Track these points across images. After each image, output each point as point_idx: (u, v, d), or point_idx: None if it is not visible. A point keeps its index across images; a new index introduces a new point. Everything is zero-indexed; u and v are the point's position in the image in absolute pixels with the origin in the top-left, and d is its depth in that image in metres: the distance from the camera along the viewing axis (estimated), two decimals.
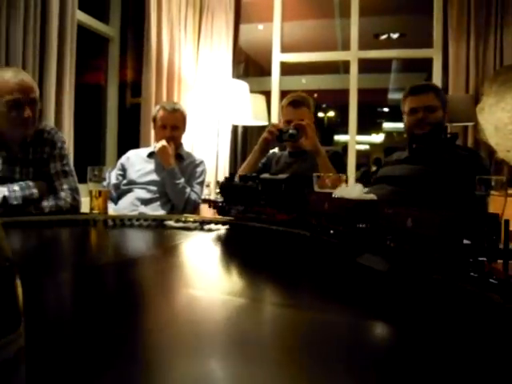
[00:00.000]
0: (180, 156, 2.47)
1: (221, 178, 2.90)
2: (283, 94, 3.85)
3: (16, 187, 1.60)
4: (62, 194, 1.71)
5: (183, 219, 1.49)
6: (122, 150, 2.94)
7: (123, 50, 3.54)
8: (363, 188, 0.97)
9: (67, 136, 2.62)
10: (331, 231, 0.99)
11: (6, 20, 2.20)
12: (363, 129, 7.55)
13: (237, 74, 3.96)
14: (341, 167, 2.29)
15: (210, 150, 3.73)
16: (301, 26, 4.28)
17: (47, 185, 1.71)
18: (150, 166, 2.43)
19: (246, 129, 4.58)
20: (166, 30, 3.41)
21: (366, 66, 3.89)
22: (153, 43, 3.30)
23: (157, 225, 1.45)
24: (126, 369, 0.41)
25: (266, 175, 1.33)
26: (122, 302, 0.65)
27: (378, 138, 8.83)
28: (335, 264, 0.94)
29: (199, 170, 2.48)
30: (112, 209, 2.33)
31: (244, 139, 5.01)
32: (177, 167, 2.35)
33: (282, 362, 0.45)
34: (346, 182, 1.31)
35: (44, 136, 1.75)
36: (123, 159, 2.50)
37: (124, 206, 2.31)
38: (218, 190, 1.60)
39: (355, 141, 3.66)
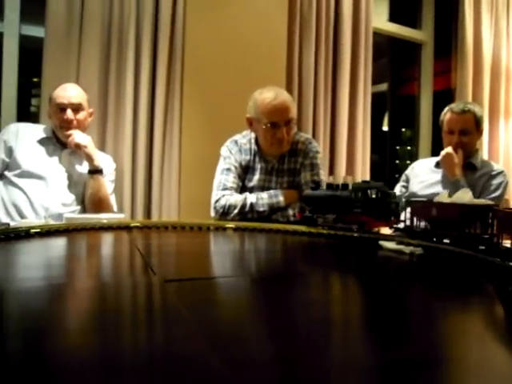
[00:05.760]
0: (472, 165, 2.08)
1: None
2: None
3: (264, 195, 1.69)
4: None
5: (406, 242, 1.23)
6: None
7: (441, 55, 3.27)
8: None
9: (360, 144, 2.62)
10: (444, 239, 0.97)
11: (298, 38, 2.39)
12: None
13: None
14: None
15: None
16: None
17: (298, 194, 1.74)
18: (436, 176, 2.13)
19: None
20: (486, 22, 2.96)
21: None
22: (468, 40, 2.92)
23: (373, 242, 1.25)
24: None
25: (359, 182, 1.17)
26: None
27: None
28: None
29: (495, 182, 2.02)
30: None
31: None
32: (463, 178, 1.98)
33: None
34: None
35: (298, 147, 1.78)
36: (408, 170, 2.29)
37: None
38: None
39: None
